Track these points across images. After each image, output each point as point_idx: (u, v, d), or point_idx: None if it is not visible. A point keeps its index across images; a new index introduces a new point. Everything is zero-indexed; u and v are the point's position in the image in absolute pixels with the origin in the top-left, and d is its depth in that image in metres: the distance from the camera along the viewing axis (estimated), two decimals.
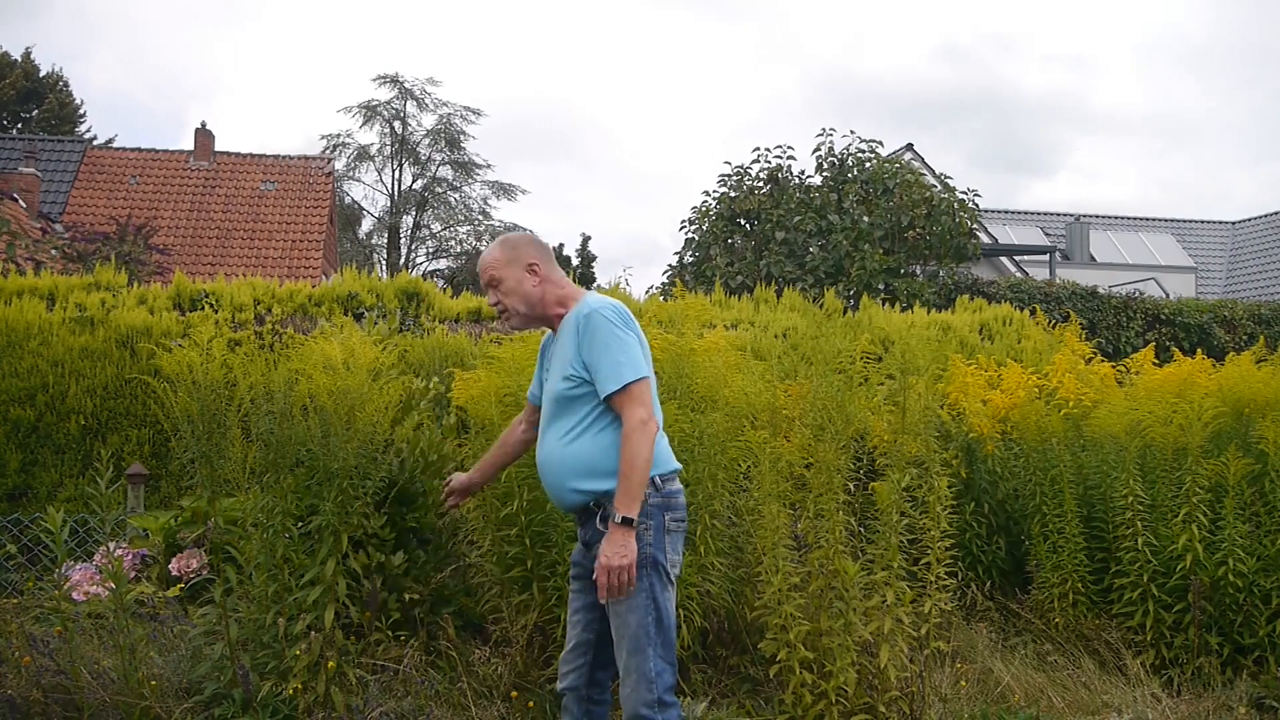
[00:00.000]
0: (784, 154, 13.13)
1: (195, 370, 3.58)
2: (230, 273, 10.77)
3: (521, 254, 3.16)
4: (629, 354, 2.94)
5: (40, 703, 3.57)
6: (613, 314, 2.99)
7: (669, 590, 2.96)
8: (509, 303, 3.15)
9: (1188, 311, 11.33)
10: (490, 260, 3.17)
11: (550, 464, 3.05)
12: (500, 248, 3.19)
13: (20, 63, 32.08)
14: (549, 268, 3.17)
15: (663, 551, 2.95)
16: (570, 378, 2.99)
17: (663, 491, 2.97)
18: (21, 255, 11.19)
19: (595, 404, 2.97)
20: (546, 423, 3.09)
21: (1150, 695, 4.33)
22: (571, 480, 2.98)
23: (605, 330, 2.95)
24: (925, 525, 4.02)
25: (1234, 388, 5.13)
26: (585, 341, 2.96)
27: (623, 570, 2.82)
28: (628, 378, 2.90)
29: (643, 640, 2.88)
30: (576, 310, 3.05)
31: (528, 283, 3.13)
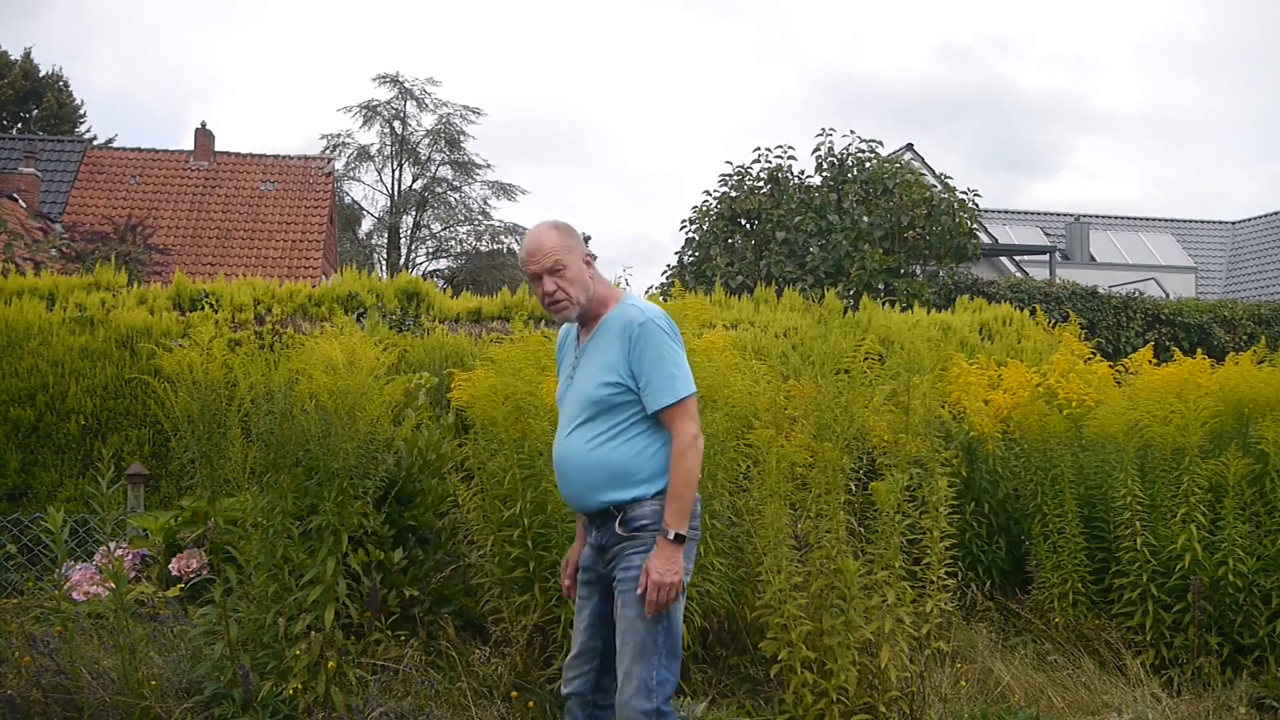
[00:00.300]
0: (784, 154, 13.13)
1: (196, 370, 3.58)
2: (230, 273, 10.78)
3: (577, 244, 3.03)
4: (683, 367, 2.92)
5: (40, 703, 3.57)
6: (666, 324, 2.95)
7: (680, 600, 2.91)
8: (572, 292, 2.97)
9: (1188, 311, 11.33)
10: (553, 245, 2.98)
11: (575, 466, 2.97)
12: (558, 233, 3.01)
13: (20, 63, 32.08)
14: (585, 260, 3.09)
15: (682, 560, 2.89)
16: (614, 384, 2.91)
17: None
18: (21, 255, 11.19)
19: (634, 412, 2.92)
20: (573, 422, 2.99)
21: (1150, 695, 4.33)
22: (598, 485, 2.92)
23: (660, 341, 2.90)
24: (926, 525, 4.03)
25: (1234, 388, 5.13)
26: (637, 351, 2.89)
27: (673, 587, 2.79)
28: (683, 392, 2.88)
29: (649, 648, 2.84)
30: (624, 314, 2.95)
31: (584, 273, 3.01)
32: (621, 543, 2.89)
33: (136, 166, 23.19)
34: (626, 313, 2.95)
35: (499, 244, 33.18)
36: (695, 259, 13.28)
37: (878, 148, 13.11)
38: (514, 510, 4.02)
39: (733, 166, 13.35)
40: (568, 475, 3.00)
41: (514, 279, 29.68)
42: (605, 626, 3.01)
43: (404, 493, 4.41)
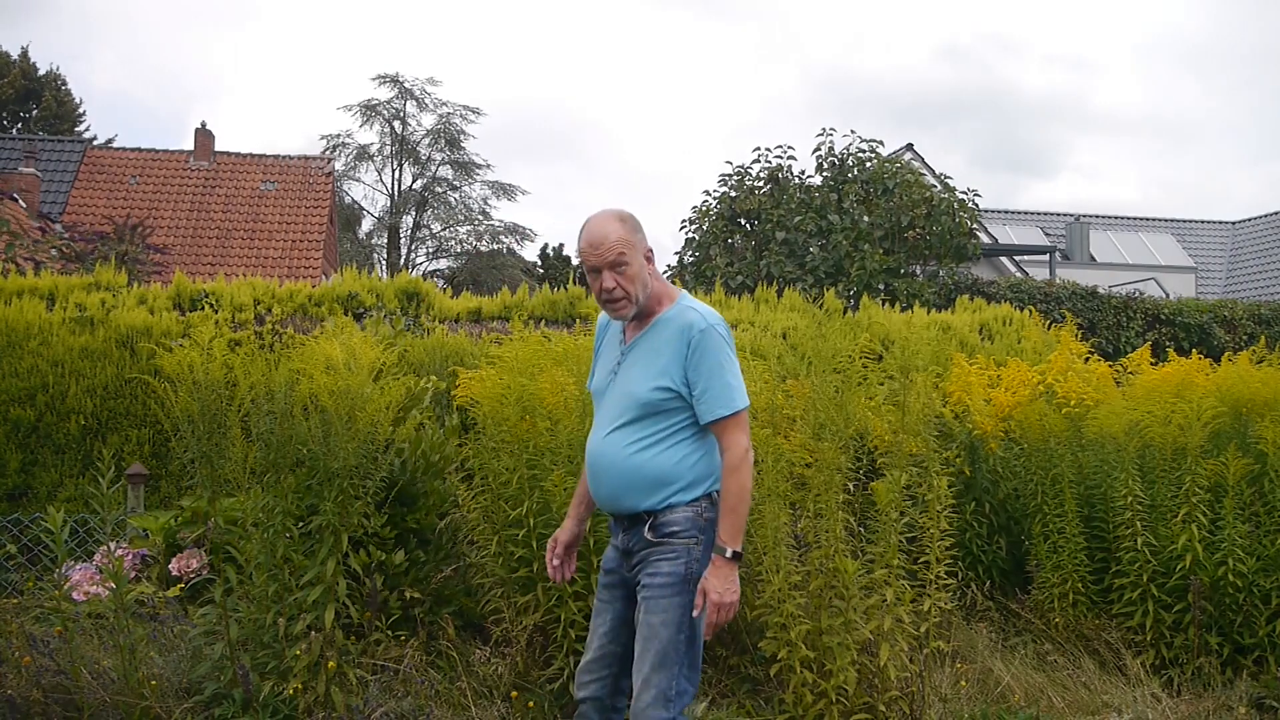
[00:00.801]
0: (784, 154, 13.14)
1: (196, 370, 3.58)
2: (230, 273, 10.78)
3: (641, 239, 2.88)
4: (739, 378, 2.83)
5: (40, 703, 3.58)
6: (725, 332, 2.85)
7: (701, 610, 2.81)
8: (631, 290, 2.83)
9: (1188, 311, 11.33)
10: (618, 238, 2.81)
11: (613, 468, 2.86)
12: (624, 226, 2.85)
13: (18, 62, 32.07)
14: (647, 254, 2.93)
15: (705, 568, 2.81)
16: (665, 388, 2.81)
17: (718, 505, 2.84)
18: (21, 255, 11.19)
19: (681, 419, 2.83)
20: (614, 421, 2.88)
21: (1150, 695, 4.33)
22: (635, 490, 2.83)
23: (719, 349, 2.80)
24: (925, 524, 4.03)
25: (1233, 388, 5.13)
26: (695, 357, 2.79)
27: (732, 607, 2.73)
28: (739, 405, 2.79)
29: (671, 657, 2.77)
30: (682, 317, 2.84)
31: (645, 270, 2.87)
32: (649, 548, 2.82)
33: (136, 166, 23.20)
34: (685, 315, 2.83)
35: (499, 244, 33.20)
36: (695, 259, 13.29)
37: (878, 148, 13.12)
38: (519, 511, 4.01)
39: (732, 166, 13.37)
40: (602, 477, 2.90)
41: (514, 279, 29.69)
42: (626, 631, 2.92)
43: (406, 494, 4.41)
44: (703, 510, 2.82)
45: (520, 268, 33.42)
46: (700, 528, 2.81)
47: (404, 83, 32.34)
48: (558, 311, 7.11)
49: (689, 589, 2.78)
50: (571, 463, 4.02)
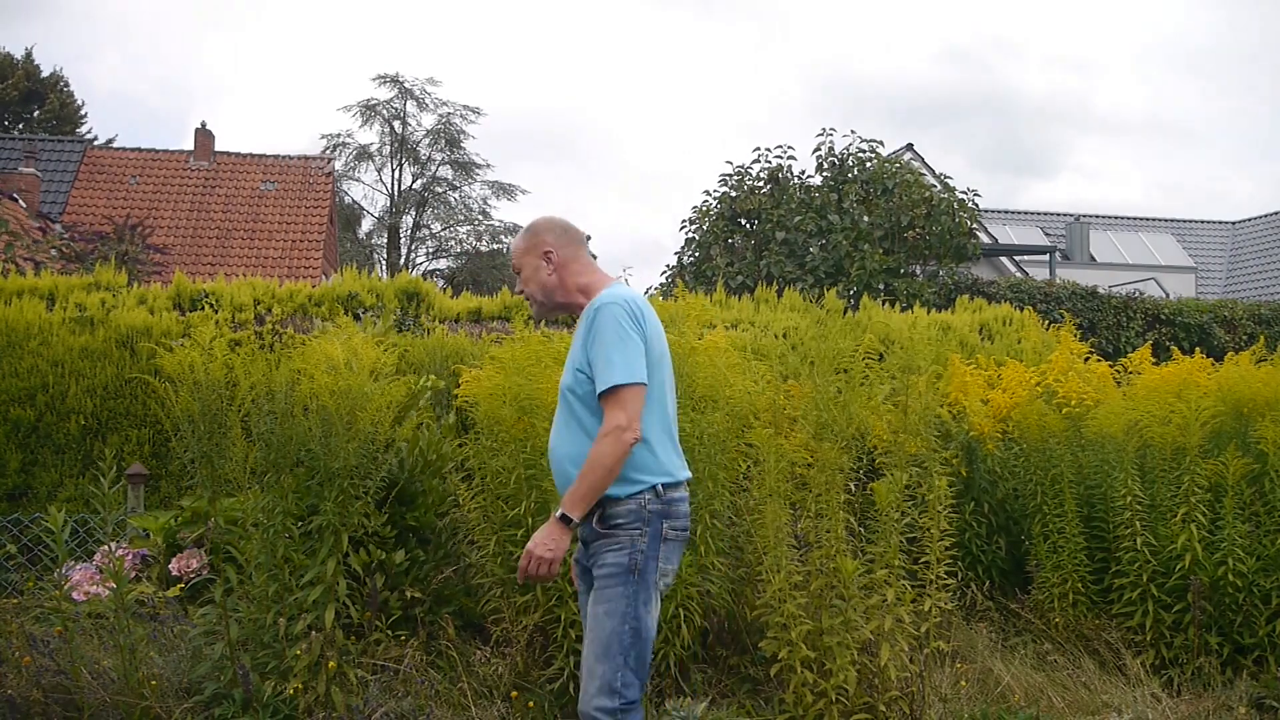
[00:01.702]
0: (784, 154, 13.13)
1: (197, 370, 3.58)
2: (230, 273, 10.78)
3: (539, 240, 3.08)
4: (627, 355, 2.81)
5: (40, 703, 3.58)
6: (622, 310, 2.85)
7: (652, 604, 2.85)
8: (528, 290, 3.09)
9: (1188, 311, 11.33)
10: (514, 249, 3.14)
11: (557, 460, 2.97)
12: (522, 235, 3.13)
13: (22, 63, 32.08)
14: (569, 253, 3.06)
15: (655, 560, 2.85)
16: (580, 371, 2.90)
17: (664, 498, 2.87)
18: (21, 255, 11.19)
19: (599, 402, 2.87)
20: (558, 416, 2.99)
21: (1150, 695, 4.33)
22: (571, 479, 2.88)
23: (611, 327, 2.83)
24: (925, 524, 4.03)
25: (1233, 387, 5.13)
26: (592, 336, 2.85)
27: (544, 563, 2.75)
28: (616, 379, 2.79)
29: (614, 648, 2.79)
30: (592, 301, 2.94)
31: (543, 270, 3.05)
32: (598, 539, 2.85)
33: (136, 166, 23.20)
34: (594, 300, 2.93)
35: (499, 244, 33.18)
36: (695, 259, 13.29)
37: (878, 148, 13.12)
38: (518, 510, 4.02)
39: (732, 166, 13.37)
40: (552, 465, 3.01)
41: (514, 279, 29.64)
42: None
43: (406, 493, 4.41)
44: (646, 502, 2.84)
45: None
46: (644, 519, 2.83)
47: (404, 83, 32.35)
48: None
49: (633, 579, 2.80)
50: None
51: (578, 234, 3.14)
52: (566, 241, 3.08)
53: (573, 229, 3.14)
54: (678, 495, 2.93)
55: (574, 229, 3.14)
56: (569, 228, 3.14)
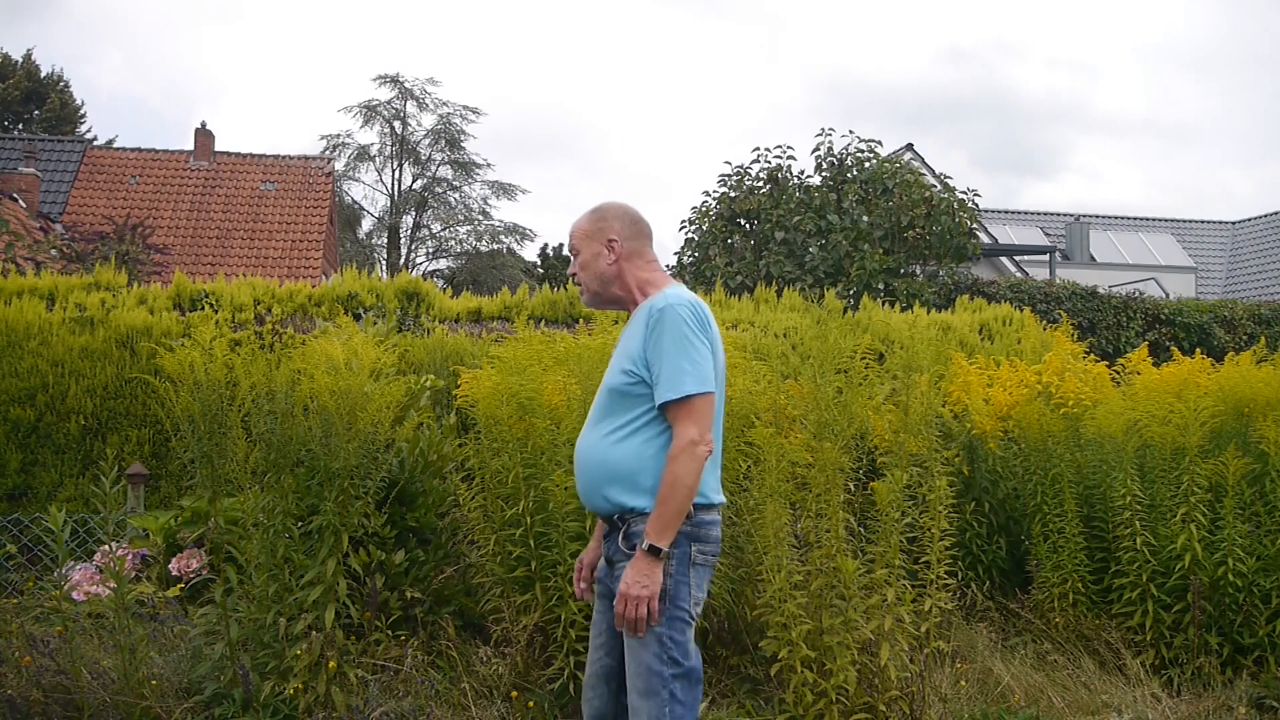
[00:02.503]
0: (784, 154, 13.13)
1: (197, 370, 3.58)
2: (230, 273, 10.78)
3: (605, 226, 2.87)
4: (696, 362, 2.61)
5: (40, 703, 3.58)
6: (690, 313, 2.66)
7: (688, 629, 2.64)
8: (582, 277, 2.89)
9: (1188, 311, 11.32)
10: (575, 228, 2.93)
11: (587, 461, 2.76)
12: (588, 217, 2.92)
13: (22, 64, 32.08)
14: (635, 246, 2.87)
15: (685, 585, 2.63)
16: (630, 372, 2.69)
17: (694, 520, 2.64)
18: (21, 255, 11.19)
19: (650, 408, 2.66)
20: (594, 414, 2.80)
21: (1150, 695, 4.33)
22: (605, 485, 2.70)
23: (677, 330, 2.63)
24: (925, 524, 4.03)
25: (1233, 387, 5.12)
26: (653, 338, 2.65)
27: (641, 602, 2.53)
28: (689, 389, 2.59)
29: (655, 683, 2.59)
30: (652, 300, 2.73)
31: (603, 259, 2.84)
32: (624, 559, 2.64)
33: (136, 166, 23.19)
34: (655, 299, 2.73)
35: (499, 244, 33.20)
36: (695, 259, 13.29)
37: (877, 148, 13.12)
38: (516, 510, 4.02)
39: (731, 167, 13.36)
40: (580, 469, 2.80)
41: (514, 279, 29.69)
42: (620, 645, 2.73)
43: (406, 493, 4.41)
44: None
45: (520, 268, 33.43)
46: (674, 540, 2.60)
47: (404, 83, 32.34)
48: (558, 311, 7.11)
49: (663, 606, 2.59)
50: (571, 462, 4.02)
51: (646, 227, 2.95)
52: (634, 233, 2.89)
53: (642, 221, 2.94)
54: (709, 519, 2.70)
55: (643, 221, 2.95)
56: (638, 219, 2.94)
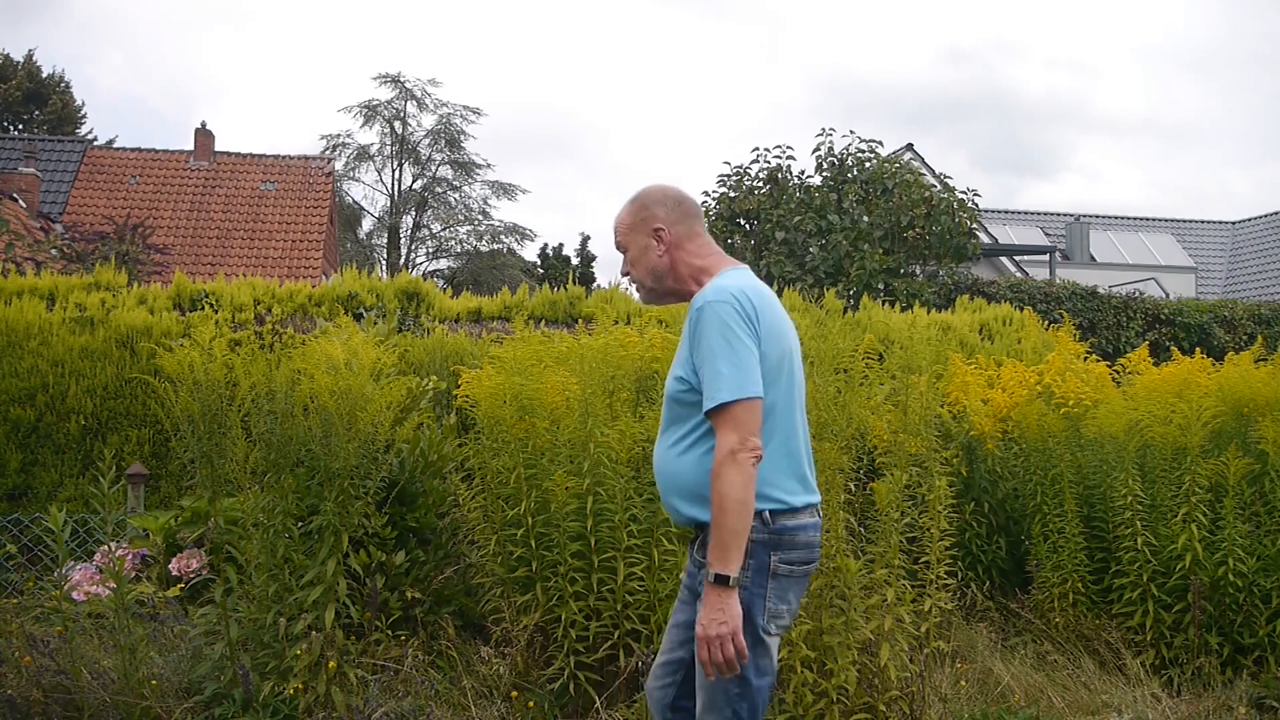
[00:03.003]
0: (783, 154, 13.13)
1: (197, 370, 3.58)
2: (230, 273, 10.77)
3: (648, 215, 2.64)
4: (737, 364, 2.37)
5: (40, 703, 3.58)
6: (730, 309, 2.41)
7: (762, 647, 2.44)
8: (634, 274, 2.67)
9: (1188, 311, 11.32)
10: (617, 223, 2.70)
11: (658, 473, 2.62)
12: (628, 208, 2.69)
13: (23, 64, 32.09)
14: (684, 230, 2.64)
15: (761, 599, 2.42)
16: (681, 379, 2.51)
17: (773, 527, 2.44)
18: (22, 255, 11.20)
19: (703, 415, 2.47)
20: (661, 423, 2.63)
21: (1150, 695, 4.33)
22: (674, 498, 2.55)
23: (716, 331, 2.40)
24: (925, 524, 4.03)
25: (1233, 387, 5.12)
26: (696, 341, 2.44)
27: (722, 640, 2.30)
28: (723, 396, 2.36)
29: (719, 701, 2.44)
30: (696, 297, 2.51)
31: (653, 251, 2.63)
32: (702, 569, 2.45)
33: (136, 166, 23.20)
34: (699, 294, 2.50)
35: (499, 244, 33.20)
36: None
37: (877, 148, 13.11)
38: (517, 510, 4.02)
39: (731, 167, 13.35)
40: (657, 479, 2.64)
41: (514, 279, 29.69)
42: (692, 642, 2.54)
43: (406, 493, 4.41)
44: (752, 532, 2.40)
45: (520, 268, 33.43)
46: (748, 550, 2.39)
47: (405, 83, 32.35)
48: (558, 311, 7.11)
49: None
50: (572, 463, 4.02)
51: (693, 205, 2.70)
52: (681, 216, 2.65)
53: (688, 200, 2.70)
54: (793, 524, 2.49)
55: (689, 200, 2.71)
56: (683, 199, 2.70)
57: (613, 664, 3.95)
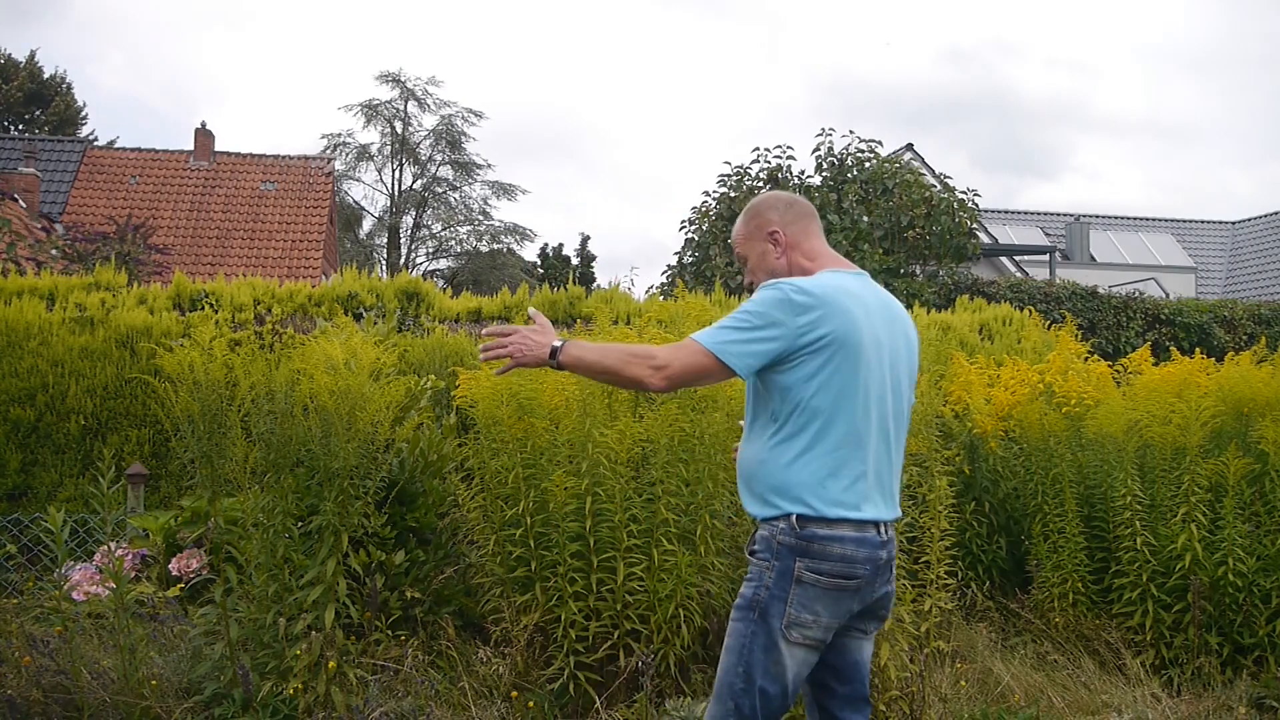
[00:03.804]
0: (783, 154, 13.14)
1: (197, 370, 3.58)
2: (230, 273, 10.79)
3: (763, 221, 2.68)
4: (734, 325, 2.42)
5: (40, 703, 3.58)
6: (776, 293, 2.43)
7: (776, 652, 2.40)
8: (756, 280, 2.65)
9: (1188, 311, 11.32)
10: (735, 237, 2.75)
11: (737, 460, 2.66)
12: (742, 219, 2.73)
13: (25, 65, 32.09)
14: (798, 231, 2.66)
15: (782, 601, 2.40)
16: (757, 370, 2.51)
17: (801, 533, 2.41)
18: (23, 255, 11.20)
19: (769, 409, 2.50)
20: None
21: (1150, 695, 4.33)
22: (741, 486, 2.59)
23: (751, 302, 2.46)
24: (926, 524, 4.03)
25: (1233, 387, 5.12)
26: None
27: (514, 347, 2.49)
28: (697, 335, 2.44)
29: (724, 691, 2.44)
30: None
31: (770, 255, 2.65)
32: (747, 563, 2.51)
33: (136, 166, 23.21)
34: None
35: (499, 244, 33.21)
36: (695, 259, 13.30)
37: (877, 148, 13.12)
38: (516, 510, 4.02)
39: (731, 167, 13.37)
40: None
41: (514, 279, 29.70)
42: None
43: (406, 493, 4.41)
44: (778, 531, 2.43)
45: (520, 268, 33.45)
46: (774, 551, 2.43)
47: (405, 83, 32.36)
48: (558, 311, 7.12)
49: (752, 617, 2.43)
50: (571, 463, 4.02)
51: (806, 208, 2.72)
52: (794, 217, 2.68)
53: (800, 202, 2.73)
54: (825, 533, 2.42)
55: (801, 202, 2.74)
56: (795, 200, 2.73)
57: (613, 664, 3.95)
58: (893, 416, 2.55)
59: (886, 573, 2.53)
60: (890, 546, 2.53)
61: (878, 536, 2.48)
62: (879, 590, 2.52)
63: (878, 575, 2.49)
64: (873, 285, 2.65)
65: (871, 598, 2.51)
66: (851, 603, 2.47)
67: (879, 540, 2.48)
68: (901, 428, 2.60)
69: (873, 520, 2.47)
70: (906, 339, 2.63)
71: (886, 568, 2.52)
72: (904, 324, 2.64)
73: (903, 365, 2.59)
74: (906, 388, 2.62)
